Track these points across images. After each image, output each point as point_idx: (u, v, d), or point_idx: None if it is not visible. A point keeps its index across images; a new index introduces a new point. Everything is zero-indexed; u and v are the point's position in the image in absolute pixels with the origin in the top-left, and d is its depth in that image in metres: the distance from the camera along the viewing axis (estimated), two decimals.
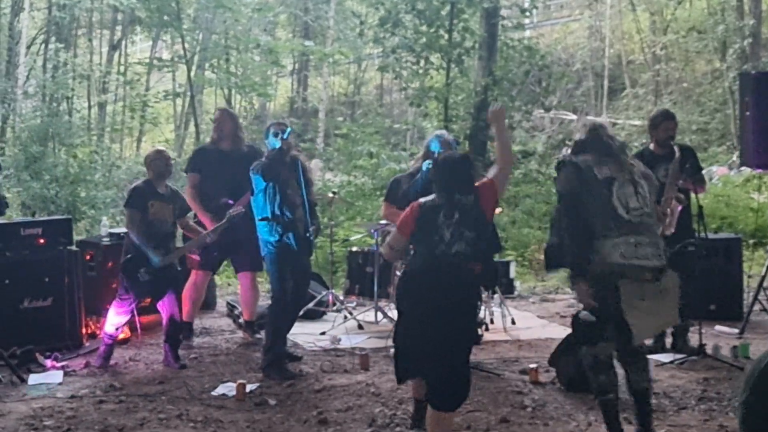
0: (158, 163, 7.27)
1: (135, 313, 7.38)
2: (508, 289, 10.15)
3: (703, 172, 8.52)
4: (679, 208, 7.15)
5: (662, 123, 7.40)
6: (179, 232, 7.63)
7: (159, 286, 7.11)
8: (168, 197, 7.25)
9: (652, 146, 7.49)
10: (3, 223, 7.72)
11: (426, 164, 6.70)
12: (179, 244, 7.64)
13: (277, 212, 6.78)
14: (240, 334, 8.28)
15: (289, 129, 7.00)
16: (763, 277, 8.25)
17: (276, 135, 6.90)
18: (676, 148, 7.16)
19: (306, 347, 7.79)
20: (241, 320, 8.32)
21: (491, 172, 5.14)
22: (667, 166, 7.11)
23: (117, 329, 7.21)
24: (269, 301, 7.26)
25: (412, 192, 6.61)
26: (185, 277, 7.82)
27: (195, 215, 7.90)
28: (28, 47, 21.38)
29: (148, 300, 7.47)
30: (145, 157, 7.72)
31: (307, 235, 7.03)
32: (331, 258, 9.79)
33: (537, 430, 5.39)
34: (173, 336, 7.21)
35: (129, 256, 7.09)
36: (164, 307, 7.16)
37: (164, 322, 7.21)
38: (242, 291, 8.29)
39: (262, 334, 7.65)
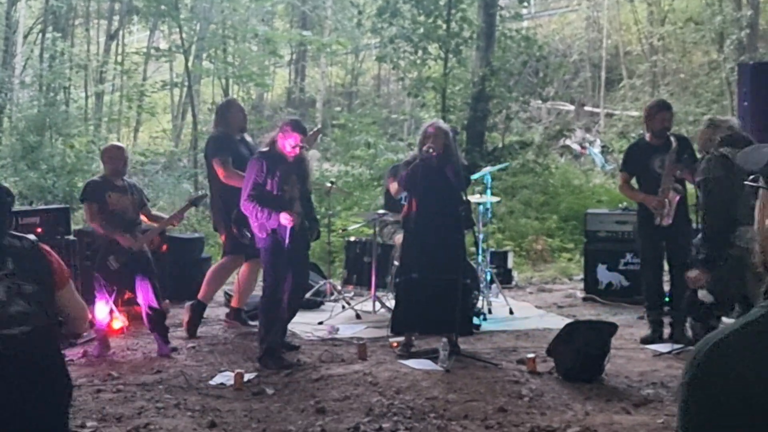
0: (117, 161, 7.31)
1: (114, 300, 7.39)
2: (506, 280, 10.19)
3: None
4: (677, 198, 7.16)
5: (658, 113, 7.40)
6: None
7: (130, 273, 7.12)
8: (124, 188, 7.31)
9: (647, 137, 7.49)
10: None
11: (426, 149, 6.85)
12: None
13: None
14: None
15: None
16: None
17: (293, 147, 6.83)
18: (672, 139, 7.17)
19: (304, 337, 7.81)
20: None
21: None
22: (662, 156, 7.13)
23: (105, 315, 7.23)
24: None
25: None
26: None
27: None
28: (25, 37, 21.31)
29: (128, 294, 7.50)
30: (103, 150, 7.71)
31: (306, 225, 7.05)
32: (328, 248, 9.80)
33: (534, 420, 5.40)
34: (158, 324, 7.21)
35: (94, 249, 7.14)
36: (140, 298, 7.16)
37: (143, 314, 7.20)
38: (241, 277, 8.31)
39: (254, 323, 7.70)
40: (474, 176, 8.98)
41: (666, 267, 7.58)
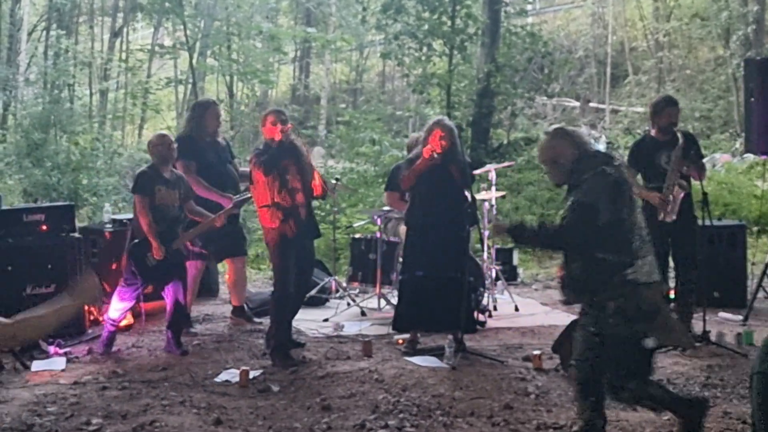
0: (161, 148, 7.21)
1: (140, 298, 7.34)
2: (511, 276, 10.17)
3: (706, 159, 8.51)
4: (681, 194, 7.13)
5: (665, 109, 7.36)
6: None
7: (166, 271, 7.10)
8: (173, 182, 7.22)
9: (653, 132, 7.45)
10: (6, 209, 7.71)
11: None
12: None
13: (277, 199, 6.76)
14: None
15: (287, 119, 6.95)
16: (767, 264, 8.24)
17: (275, 124, 6.85)
18: (679, 135, 7.14)
19: (309, 334, 7.79)
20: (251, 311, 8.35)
21: None
22: (668, 152, 7.10)
23: (120, 315, 7.20)
24: (272, 288, 7.26)
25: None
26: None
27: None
28: (30, 34, 21.35)
29: (151, 288, 7.49)
30: (148, 143, 7.64)
31: (314, 221, 7.05)
32: (333, 245, 9.79)
33: (540, 417, 5.38)
34: (176, 322, 7.19)
35: (137, 240, 7.08)
36: (169, 292, 7.13)
37: (168, 307, 7.17)
38: (229, 278, 8.32)
39: (260, 319, 7.69)
40: (476, 171, 8.96)
41: (671, 263, 7.55)
